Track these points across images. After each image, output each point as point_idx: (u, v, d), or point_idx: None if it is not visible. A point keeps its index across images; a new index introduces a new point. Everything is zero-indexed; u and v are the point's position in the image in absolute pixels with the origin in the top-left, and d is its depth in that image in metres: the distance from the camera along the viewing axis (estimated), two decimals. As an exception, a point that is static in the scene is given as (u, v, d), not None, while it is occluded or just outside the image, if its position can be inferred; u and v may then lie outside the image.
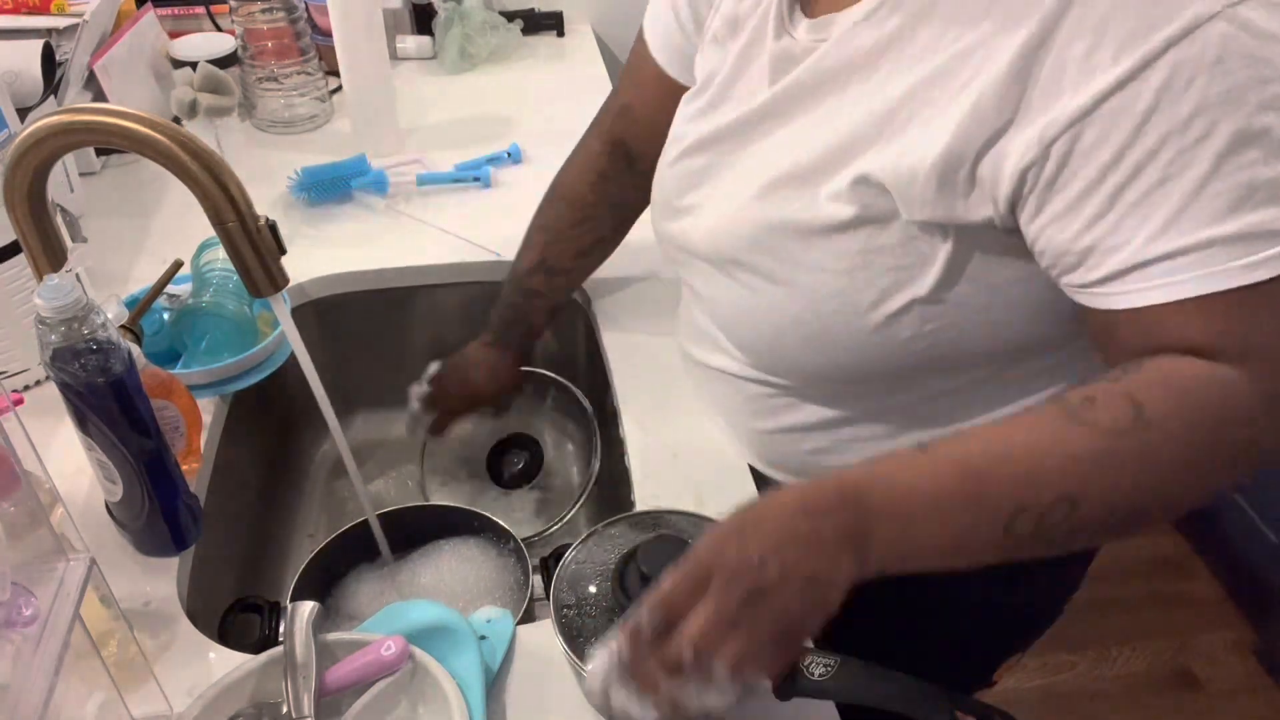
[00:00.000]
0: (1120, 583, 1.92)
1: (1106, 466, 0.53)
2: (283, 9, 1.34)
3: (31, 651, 0.52)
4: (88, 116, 0.64)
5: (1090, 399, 0.54)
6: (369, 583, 0.86)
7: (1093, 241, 0.56)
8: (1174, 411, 0.53)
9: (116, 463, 0.68)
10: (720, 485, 0.83)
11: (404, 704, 0.67)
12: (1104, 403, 0.53)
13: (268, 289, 0.70)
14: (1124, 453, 0.53)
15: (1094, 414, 0.53)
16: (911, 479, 0.54)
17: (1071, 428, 0.53)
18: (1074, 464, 0.53)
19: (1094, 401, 0.54)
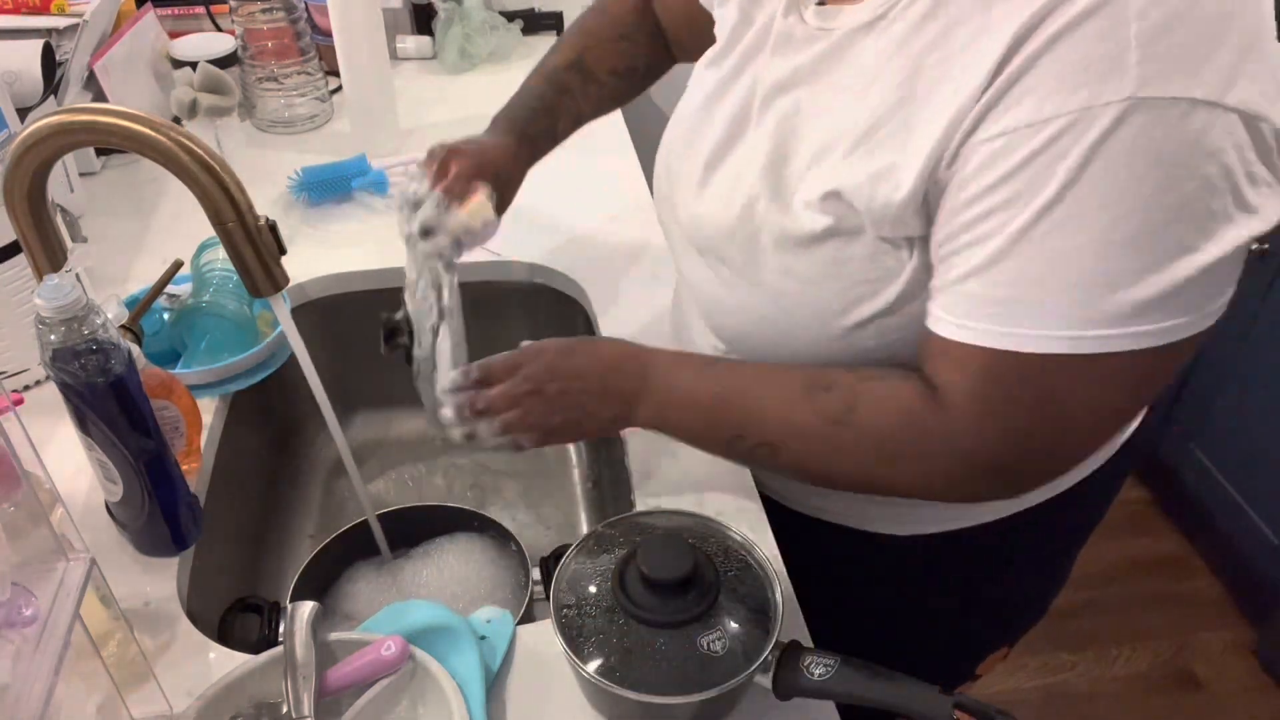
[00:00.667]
0: (1120, 583, 1.92)
1: (803, 438, 0.67)
2: (283, 9, 1.34)
3: (31, 651, 0.52)
4: (87, 116, 0.64)
5: (831, 385, 0.65)
6: (369, 583, 0.86)
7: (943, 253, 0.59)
8: (874, 428, 0.64)
9: (116, 463, 0.68)
10: (720, 485, 0.83)
11: (404, 704, 0.67)
12: (835, 392, 0.65)
13: (268, 289, 0.70)
14: (819, 436, 0.65)
15: (821, 398, 0.65)
16: (684, 381, 0.71)
17: (801, 400, 0.66)
18: (785, 426, 0.67)
19: (830, 388, 0.65)
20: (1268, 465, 1.72)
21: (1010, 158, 0.54)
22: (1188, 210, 0.53)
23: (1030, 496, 0.80)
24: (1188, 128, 0.51)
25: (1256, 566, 1.79)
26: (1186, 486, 1.92)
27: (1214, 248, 0.54)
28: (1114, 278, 0.54)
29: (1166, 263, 0.53)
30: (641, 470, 0.85)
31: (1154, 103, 0.51)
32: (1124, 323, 0.54)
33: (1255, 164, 0.53)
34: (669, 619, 0.62)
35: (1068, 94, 0.52)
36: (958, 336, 0.59)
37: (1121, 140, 0.51)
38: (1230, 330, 1.73)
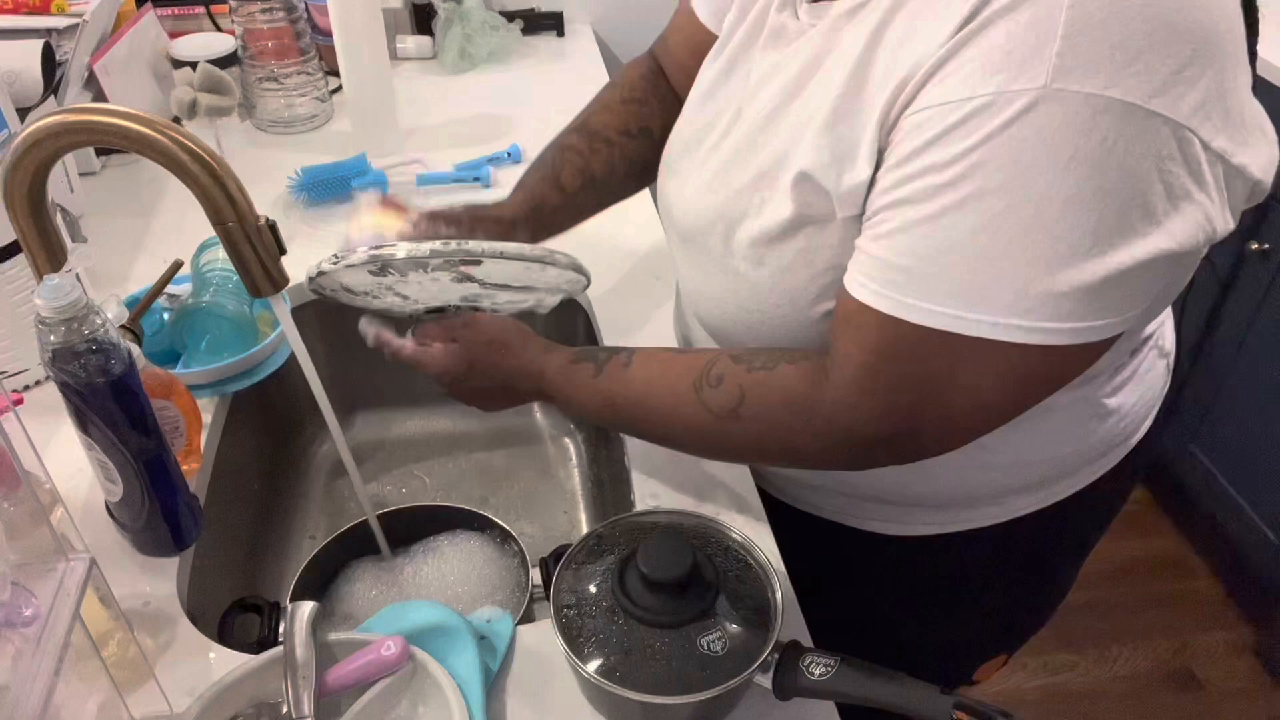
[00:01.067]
0: (1120, 583, 1.92)
1: (693, 434, 0.71)
2: (283, 9, 1.34)
3: (31, 651, 0.52)
4: (87, 116, 0.64)
5: (720, 378, 0.67)
6: (369, 583, 0.86)
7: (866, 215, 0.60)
8: (760, 418, 0.66)
9: (116, 463, 0.68)
10: (720, 485, 0.83)
11: (404, 704, 0.67)
12: (725, 388, 0.67)
13: (268, 289, 0.70)
14: (708, 430, 0.69)
15: (711, 395, 0.68)
16: (576, 396, 0.75)
17: (691, 400, 0.69)
18: (675, 424, 0.71)
19: (720, 382, 0.67)
20: (1268, 465, 1.72)
21: (928, 131, 0.55)
22: (1084, 212, 0.52)
23: (1029, 504, 0.80)
24: (1098, 125, 0.50)
25: (1256, 566, 1.79)
26: (1186, 486, 1.92)
27: (1113, 256, 0.52)
28: (1002, 265, 0.54)
29: (1056, 262, 0.53)
30: (641, 470, 0.85)
31: (1066, 95, 0.50)
32: (1007, 313, 0.54)
33: (1178, 176, 0.52)
34: (669, 619, 0.62)
35: (988, 76, 0.52)
36: (858, 294, 0.59)
37: (1027, 128, 0.51)
38: (1230, 331, 1.73)
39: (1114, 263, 0.53)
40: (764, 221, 0.67)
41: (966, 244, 0.54)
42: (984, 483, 0.78)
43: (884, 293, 0.58)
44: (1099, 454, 0.80)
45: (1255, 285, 1.65)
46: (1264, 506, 1.74)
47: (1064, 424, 0.75)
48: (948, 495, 0.79)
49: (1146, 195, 0.52)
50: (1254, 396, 1.72)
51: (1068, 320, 0.54)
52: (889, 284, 0.57)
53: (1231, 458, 1.81)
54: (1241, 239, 1.63)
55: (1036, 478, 0.79)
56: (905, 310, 0.57)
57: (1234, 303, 1.71)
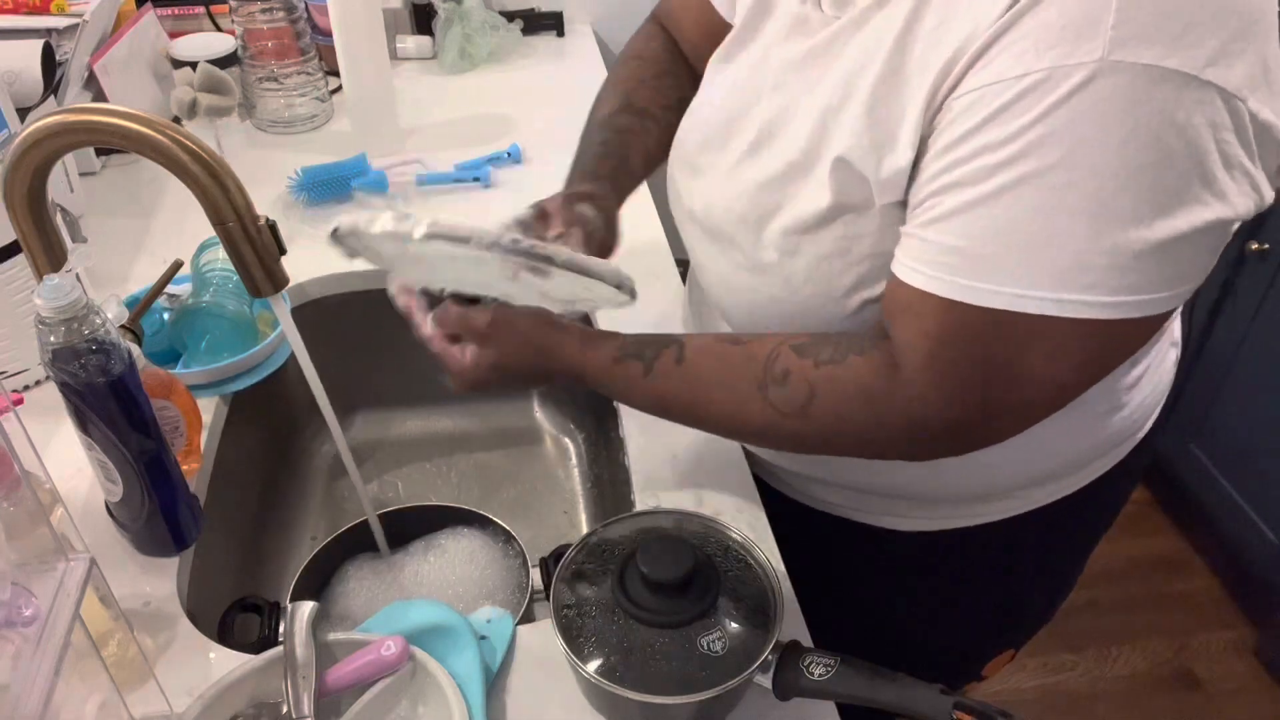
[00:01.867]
0: (1120, 583, 1.92)
1: (762, 434, 0.70)
2: (283, 9, 1.34)
3: (31, 651, 0.52)
4: (87, 116, 0.64)
5: (786, 374, 0.65)
6: (368, 583, 0.86)
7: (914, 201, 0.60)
8: (833, 414, 0.64)
9: (116, 463, 0.68)
10: (720, 485, 0.83)
11: (404, 704, 0.67)
12: (792, 385, 0.64)
13: (268, 289, 0.70)
14: (778, 429, 0.66)
15: (778, 394, 0.65)
16: (624, 394, 0.72)
17: (755, 399, 0.66)
18: (741, 424, 0.68)
19: (786, 379, 0.64)
20: (1268, 465, 1.71)
21: (980, 112, 0.54)
22: (1149, 183, 0.52)
23: (1038, 498, 0.80)
24: (1155, 96, 0.50)
25: (1256, 566, 1.79)
26: (1186, 486, 1.92)
27: (1173, 224, 0.53)
28: (1063, 241, 0.54)
29: (1119, 233, 0.53)
30: (641, 470, 0.85)
31: (1124, 66, 0.50)
32: (1070, 289, 0.54)
33: (1232, 145, 0.52)
34: (669, 619, 0.62)
35: (1042, 52, 0.52)
36: (913, 281, 0.59)
37: (1085, 101, 0.51)
38: (1230, 331, 1.73)
39: (1174, 232, 0.53)
40: (798, 211, 0.66)
41: (1027, 221, 0.54)
42: (999, 477, 0.78)
43: (942, 277, 0.57)
44: (1111, 446, 0.80)
45: (1255, 285, 1.65)
46: (1264, 506, 1.74)
47: (1083, 416, 0.75)
48: (962, 490, 0.79)
49: (1205, 163, 0.52)
50: (1254, 396, 1.72)
51: (1132, 292, 0.54)
52: (946, 268, 0.57)
53: (1231, 458, 1.81)
54: (1242, 239, 1.63)
55: (1050, 471, 0.79)
56: (966, 293, 0.56)
57: (1234, 303, 1.71)
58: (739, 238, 0.72)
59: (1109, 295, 0.54)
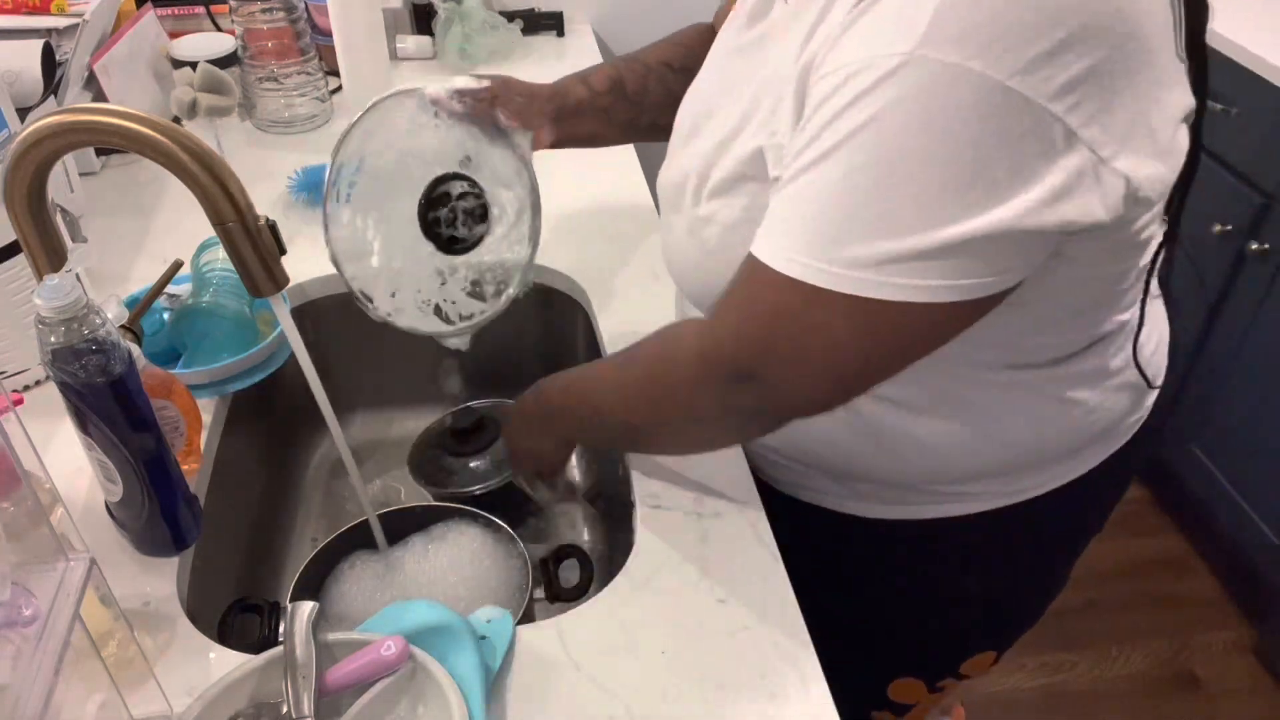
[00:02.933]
0: (1120, 583, 1.92)
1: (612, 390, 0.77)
2: (283, 9, 1.34)
3: (31, 651, 0.52)
4: (87, 116, 0.64)
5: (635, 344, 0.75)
6: (368, 583, 0.86)
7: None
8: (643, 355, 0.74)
9: (116, 463, 0.68)
10: (719, 484, 0.83)
11: (404, 704, 0.67)
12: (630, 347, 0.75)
13: (268, 289, 0.70)
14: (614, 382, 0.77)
15: (618, 355, 0.76)
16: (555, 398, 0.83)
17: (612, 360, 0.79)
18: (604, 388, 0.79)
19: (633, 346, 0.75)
20: (1268, 465, 1.72)
21: (816, 96, 0.58)
22: (934, 176, 0.54)
23: (1022, 490, 0.80)
24: (954, 93, 0.52)
25: (1256, 566, 1.79)
26: (1186, 486, 1.92)
27: (958, 224, 0.54)
28: (854, 219, 0.56)
29: (904, 221, 0.55)
30: (641, 470, 0.85)
31: (929, 61, 0.52)
32: (854, 266, 0.57)
33: (1028, 156, 0.53)
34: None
35: (867, 44, 0.55)
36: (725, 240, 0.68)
37: (890, 89, 0.54)
38: (1230, 331, 1.73)
39: (956, 229, 0.55)
40: (713, 181, 0.71)
41: (824, 196, 0.58)
42: (952, 463, 0.78)
43: (761, 238, 0.62)
44: (1082, 445, 0.80)
45: (1255, 285, 1.65)
46: (1264, 506, 1.74)
47: (1034, 407, 0.75)
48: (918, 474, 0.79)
49: (992, 169, 0.53)
50: (1254, 397, 1.72)
51: (913, 278, 0.56)
52: (767, 232, 0.62)
53: (1231, 458, 1.81)
54: (1242, 239, 1.63)
55: (1011, 462, 0.79)
56: (763, 250, 0.61)
57: (1234, 303, 1.71)
58: (676, 206, 0.78)
59: (891, 278, 0.56)
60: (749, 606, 0.73)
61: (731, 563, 0.76)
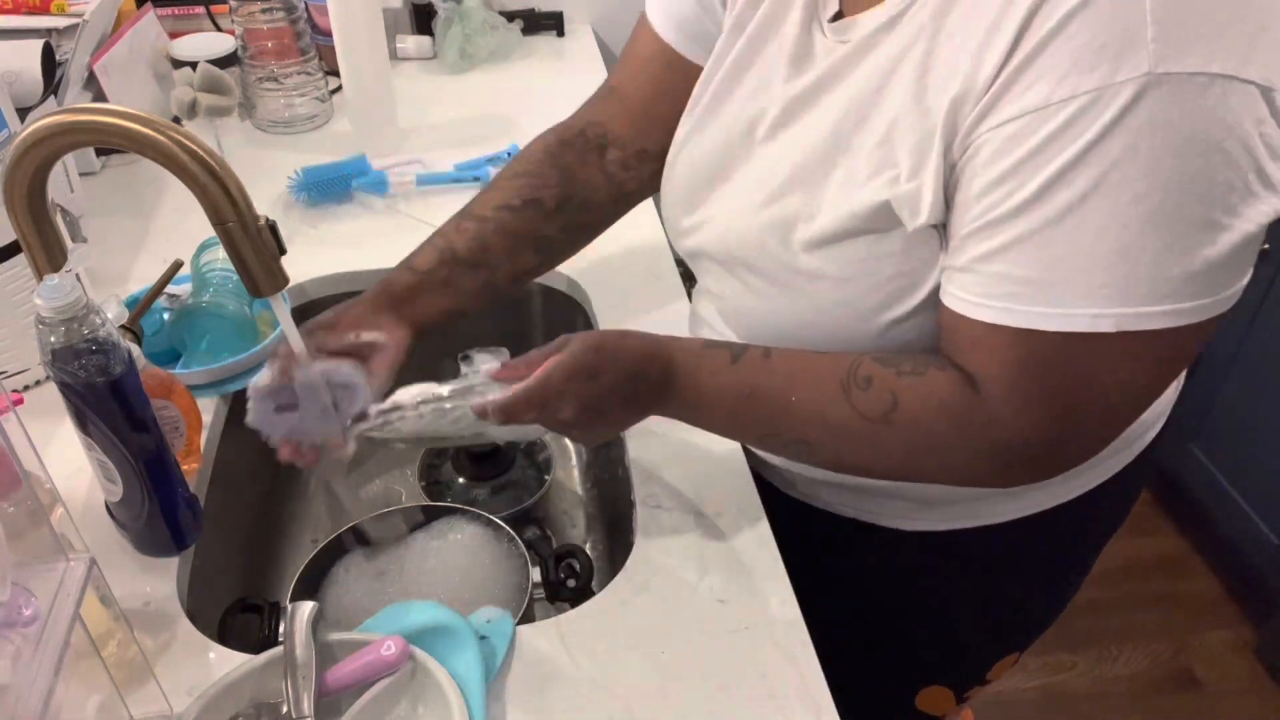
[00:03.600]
0: (1120, 583, 1.92)
1: (843, 437, 0.66)
2: (283, 9, 1.34)
3: (31, 651, 0.52)
4: (87, 117, 0.64)
5: (869, 380, 0.65)
6: (368, 583, 0.86)
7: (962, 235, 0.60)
8: (916, 424, 0.64)
9: (116, 463, 0.68)
10: (720, 485, 0.83)
11: (404, 704, 0.67)
12: (875, 390, 0.64)
13: (268, 289, 0.70)
14: (860, 434, 0.65)
15: (861, 397, 0.65)
16: (710, 383, 0.69)
17: (839, 400, 0.65)
18: (822, 425, 0.66)
19: (869, 384, 0.64)
20: (1268, 465, 1.71)
21: (1028, 141, 0.54)
22: (1210, 186, 0.52)
23: (1042, 500, 0.80)
24: (1206, 102, 0.51)
25: (1256, 566, 1.79)
26: (1186, 486, 1.92)
27: (1238, 225, 0.53)
28: (1135, 256, 0.54)
29: (1189, 240, 0.53)
30: (641, 470, 0.85)
31: (1171, 78, 0.51)
32: (1147, 301, 0.54)
33: (1274, 137, 0.53)
34: None
35: (1084, 73, 0.52)
36: (980, 316, 0.59)
37: (1139, 117, 0.51)
38: (1230, 330, 1.73)
39: (1241, 231, 0.54)
40: (821, 233, 0.66)
41: (1097, 242, 0.54)
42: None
43: (1013, 308, 0.57)
44: (1116, 450, 0.80)
45: (1255, 285, 1.64)
46: (1264, 506, 1.74)
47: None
48: (964, 490, 0.78)
49: (1258, 160, 0.53)
50: (1254, 397, 1.72)
51: (1204, 295, 0.55)
52: (1015, 298, 0.57)
53: (1231, 458, 1.81)
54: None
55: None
56: (1042, 320, 0.57)
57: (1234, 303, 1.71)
58: (759, 264, 0.72)
59: (1185, 302, 0.55)
60: (749, 606, 0.73)
61: (731, 563, 0.76)
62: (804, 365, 0.68)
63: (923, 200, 0.60)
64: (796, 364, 0.68)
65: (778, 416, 0.67)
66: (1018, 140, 0.55)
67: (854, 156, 0.64)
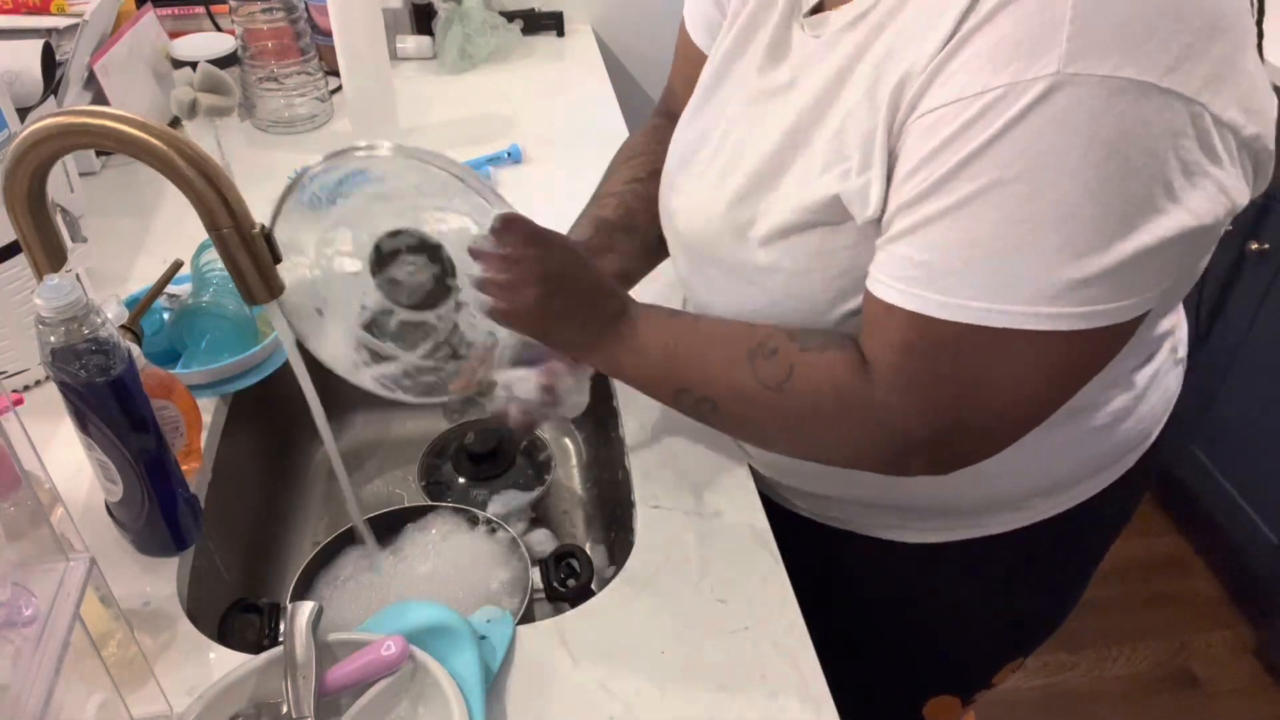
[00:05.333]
0: (1120, 583, 1.92)
1: (741, 400, 0.68)
2: (283, 9, 1.34)
3: (31, 651, 0.52)
4: (84, 119, 0.64)
5: (774, 351, 0.66)
6: (368, 583, 0.86)
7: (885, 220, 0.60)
8: (805, 397, 0.65)
9: (116, 463, 0.68)
10: (720, 486, 0.83)
11: (404, 704, 0.67)
12: (777, 360, 0.66)
13: (263, 296, 0.70)
14: (756, 400, 0.67)
15: (763, 365, 0.66)
16: (646, 330, 0.72)
17: (743, 365, 0.67)
18: (726, 386, 0.69)
19: (773, 354, 0.66)
20: (1268, 465, 1.71)
21: (942, 130, 0.55)
22: (1110, 193, 0.52)
23: (1045, 508, 0.80)
24: (1114, 107, 0.50)
25: (1256, 566, 1.79)
26: (1186, 486, 1.92)
27: (1137, 236, 0.53)
28: (1028, 253, 0.53)
29: (1083, 244, 0.53)
30: (641, 470, 0.85)
31: (1080, 79, 0.50)
32: (1036, 301, 0.54)
33: (1193, 151, 0.52)
34: None
35: (998, 69, 0.52)
36: (882, 295, 0.59)
37: (1043, 115, 0.51)
38: (1230, 331, 1.73)
39: (1138, 243, 0.53)
40: (772, 223, 0.67)
41: (991, 236, 0.54)
42: (1004, 488, 0.78)
43: (910, 290, 0.57)
44: (1119, 456, 0.80)
45: (1255, 285, 1.65)
46: (1264, 506, 1.74)
47: (1087, 427, 0.75)
48: (968, 502, 0.79)
49: (1165, 173, 0.52)
50: (1254, 397, 1.72)
51: (1097, 303, 0.54)
52: (913, 281, 0.57)
53: (1231, 458, 1.81)
54: (1242, 239, 1.63)
55: (1058, 481, 0.79)
56: (932, 306, 0.57)
57: (1234, 303, 1.71)
58: (719, 252, 0.73)
59: (1076, 306, 0.54)
60: (749, 606, 0.73)
61: (731, 563, 0.76)
62: (725, 330, 0.70)
63: (871, 193, 0.60)
64: (719, 328, 0.71)
65: (693, 373, 0.70)
66: (935, 130, 0.55)
67: (810, 151, 0.65)
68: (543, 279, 0.68)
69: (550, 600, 0.81)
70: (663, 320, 0.72)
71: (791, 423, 0.67)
